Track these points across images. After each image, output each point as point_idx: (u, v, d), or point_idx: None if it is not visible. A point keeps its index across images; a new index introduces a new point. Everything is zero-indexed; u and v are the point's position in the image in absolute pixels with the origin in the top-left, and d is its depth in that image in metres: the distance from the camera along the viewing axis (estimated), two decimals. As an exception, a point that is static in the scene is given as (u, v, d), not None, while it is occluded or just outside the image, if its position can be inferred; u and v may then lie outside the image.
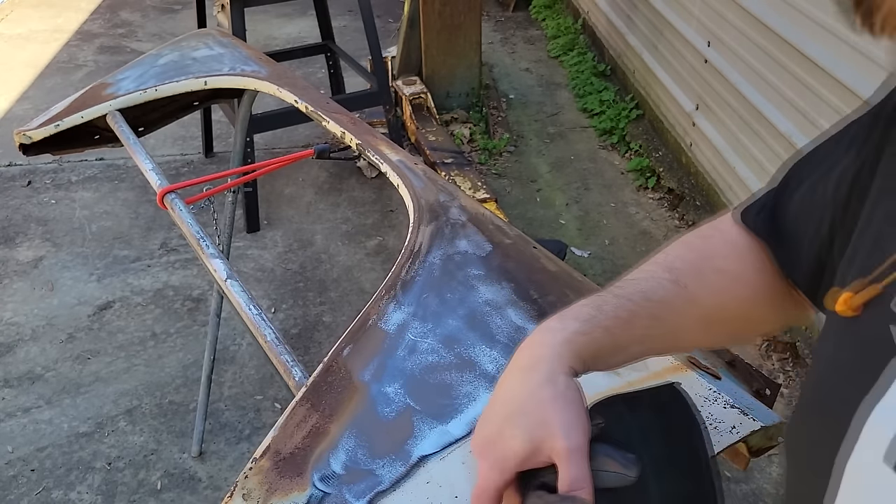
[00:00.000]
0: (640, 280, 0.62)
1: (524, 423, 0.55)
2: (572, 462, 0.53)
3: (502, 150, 3.58)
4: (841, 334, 0.47)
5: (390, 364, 0.84)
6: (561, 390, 0.55)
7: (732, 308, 0.64)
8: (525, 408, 0.55)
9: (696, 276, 0.62)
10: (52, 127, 1.48)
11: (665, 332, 0.62)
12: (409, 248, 1.02)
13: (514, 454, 0.55)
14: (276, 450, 0.74)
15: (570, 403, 0.55)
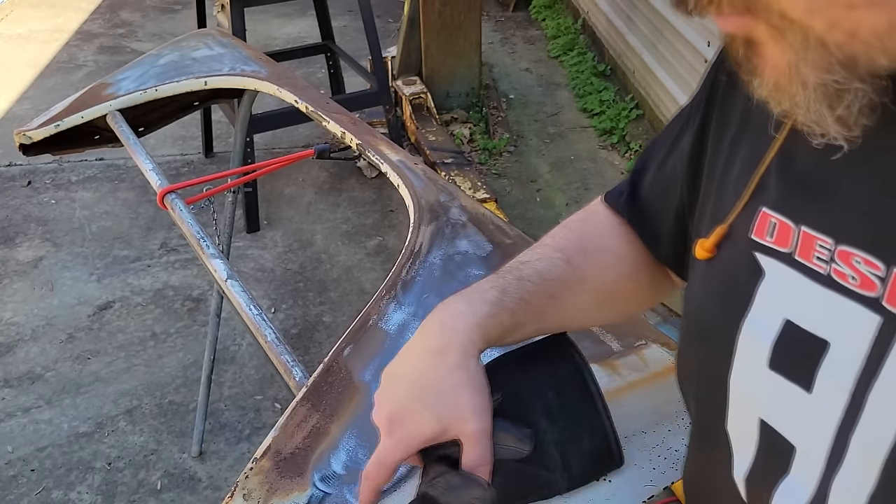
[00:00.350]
0: (536, 261, 0.65)
1: (436, 406, 0.57)
2: (479, 443, 0.56)
3: (502, 150, 3.58)
4: (704, 275, 0.52)
5: (391, 364, 0.84)
6: (472, 375, 0.58)
7: (617, 284, 0.67)
8: (437, 390, 0.57)
9: (583, 254, 0.66)
10: (52, 127, 1.48)
11: (560, 310, 0.65)
12: (409, 248, 1.02)
13: (421, 434, 0.57)
14: (276, 450, 0.74)
15: (480, 388, 0.58)
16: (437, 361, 0.58)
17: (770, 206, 0.45)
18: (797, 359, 0.42)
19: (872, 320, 0.38)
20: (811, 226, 0.42)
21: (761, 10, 0.33)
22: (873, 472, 0.38)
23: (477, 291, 0.62)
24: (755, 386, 0.45)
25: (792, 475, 0.43)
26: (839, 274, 0.40)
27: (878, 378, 0.38)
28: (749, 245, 0.46)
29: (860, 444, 0.39)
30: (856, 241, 0.39)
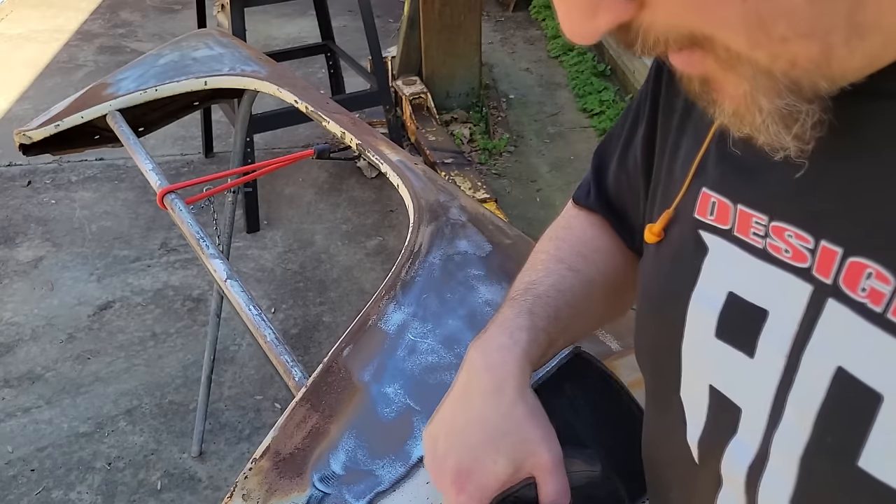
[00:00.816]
0: (544, 278, 0.66)
1: (505, 446, 0.56)
2: (556, 473, 0.55)
3: (502, 150, 3.58)
4: (654, 256, 0.55)
5: (390, 364, 0.84)
6: (532, 406, 0.57)
7: (619, 278, 0.69)
8: (503, 430, 0.56)
9: (582, 259, 0.67)
10: (52, 127, 1.48)
11: (580, 317, 0.66)
12: (409, 248, 1.02)
13: (496, 479, 0.55)
14: (275, 450, 0.74)
15: (542, 418, 0.57)
16: (496, 401, 0.57)
17: (709, 187, 0.48)
18: (740, 327, 0.45)
19: (805, 289, 0.41)
20: (747, 204, 0.45)
21: (707, 44, 0.35)
22: (807, 426, 0.41)
23: (508, 321, 0.62)
24: (704, 354, 0.48)
25: (739, 435, 0.47)
26: (774, 248, 0.43)
27: (810, 340, 0.41)
28: (693, 223, 0.49)
29: (796, 401, 0.42)
30: (787, 216, 0.42)
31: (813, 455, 0.41)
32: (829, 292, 0.40)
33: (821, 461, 0.41)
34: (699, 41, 0.35)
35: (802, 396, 0.42)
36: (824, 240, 0.40)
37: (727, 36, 0.33)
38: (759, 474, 0.45)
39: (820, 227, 0.40)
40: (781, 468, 0.43)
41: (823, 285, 0.40)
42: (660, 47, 0.36)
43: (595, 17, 0.34)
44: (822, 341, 0.40)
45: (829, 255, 0.40)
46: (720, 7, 0.32)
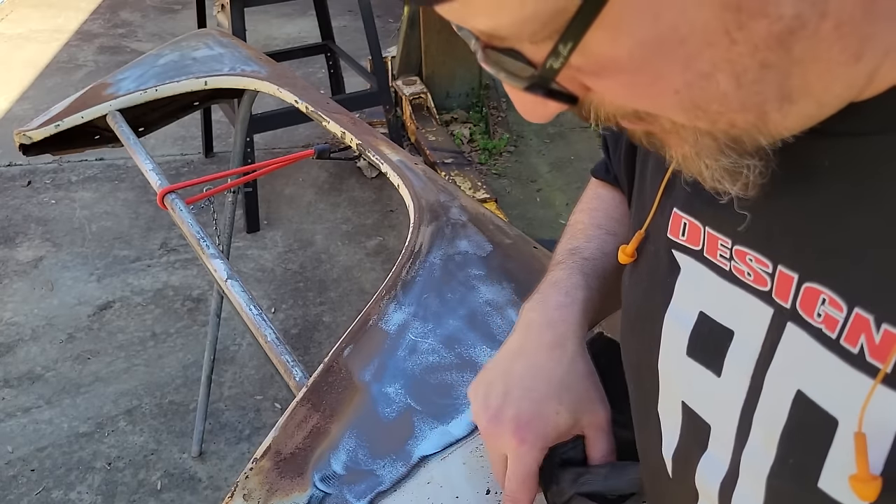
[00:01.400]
0: (588, 242, 0.67)
1: (568, 399, 0.58)
2: (608, 433, 0.59)
3: (502, 150, 3.58)
4: (630, 274, 0.56)
5: (391, 364, 0.84)
6: (590, 364, 0.60)
7: None
8: (566, 383, 0.58)
9: (617, 223, 0.69)
10: (52, 127, 1.48)
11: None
12: (409, 248, 1.02)
13: (556, 431, 0.57)
14: (276, 450, 0.74)
15: (597, 377, 0.60)
16: (556, 355, 0.59)
17: (679, 207, 0.49)
18: (709, 347, 0.46)
19: (766, 312, 0.42)
20: (712, 227, 0.46)
21: (650, 118, 0.36)
22: (772, 447, 0.42)
23: (562, 281, 0.63)
24: (677, 371, 0.49)
25: (710, 451, 0.48)
26: (738, 270, 0.44)
27: (772, 363, 0.42)
28: (667, 243, 0.50)
29: (761, 422, 0.43)
30: (747, 241, 0.43)
31: (777, 475, 0.42)
32: (788, 316, 0.40)
33: (784, 481, 0.41)
34: (643, 116, 0.36)
35: (767, 417, 0.42)
36: (781, 265, 0.41)
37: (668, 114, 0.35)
38: (731, 491, 0.46)
39: (776, 252, 0.41)
40: (751, 486, 0.44)
41: (783, 309, 0.41)
42: (610, 121, 0.38)
43: (545, 105, 0.36)
44: (783, 364, 0.41)
45: (786, 280, 0.41)
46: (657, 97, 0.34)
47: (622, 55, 0.32)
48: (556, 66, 0.32)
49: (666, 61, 0.31)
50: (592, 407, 0.58)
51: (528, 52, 0.34)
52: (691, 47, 0.31)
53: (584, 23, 0.30)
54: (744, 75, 0.31)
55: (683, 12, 0.29)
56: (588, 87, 0.36)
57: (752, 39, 0.30)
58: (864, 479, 0.35)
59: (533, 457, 0.57)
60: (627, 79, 0.33)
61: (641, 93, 0.34)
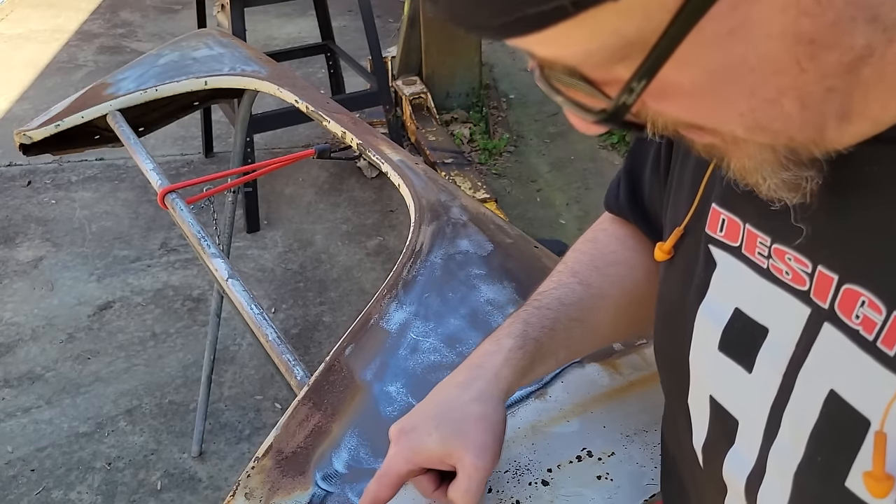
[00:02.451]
0: (553, 290, 0.68)
1: (444, 428, 0.60)
2: (470, 478, 0.59)
3: (502, 150, 3.58)
4: (667, 268, 0.57)
5: (392, 363, 0.84)
6: (489, 412, 0.61)
7: (635, 293, 0.70)
8: (451, 415, 0.61)
9: (596, 273, 0.69)
10: (53, 127, 1.48)
11: (584, 331, 0.68)
12: (410, 247, 1.02)
13: (424, 449, 0.60)
14: (278, 449, 0.74)
15: (491, 427, 0.61)
16: (457, 392, 0.62)
17: (719, 204, 0.50)
18: (742, 343, 0.47)
19: (803, 311, 0.42)
20: (753, 224, 0.46)
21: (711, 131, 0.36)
22: (801, 444, 0.42)
23: (500, 330, 0.66)
24: (707, 366, 0.50)
25: (736, 446, 0.48)
26: (776, 269, 0.44)
27: (805, 361, 0.42)
28: (705, 238, 0.51)
29: (790, 419, 0.43)
30: (787, 240, 0.43)
31: (804, 472, 0.42)
32: (825, 316, 0.41)
33: (811, 479, 0.42)
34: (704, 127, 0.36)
35: (797, 415, 0.43)
36: (821, 265, 0.41)
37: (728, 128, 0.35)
38: (758, 485, 0.46)
39: (817, 252, 0.41)
40: (777, 482, 0.44)
41: (821, 309, 0.41)
42: (667, 131, 0.38)
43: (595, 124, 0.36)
44: (817, 364, 0.41)
45: (825, 281, 0.41)
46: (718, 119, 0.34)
47: (686, 83, 0.32)
48: (629, 101, 0.32)
49: (731, 89, 0.32)
50: (466, 446, 0.59)
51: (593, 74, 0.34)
52: (759, 76, 0.31)
53: (660, 60, 0.30)
54: (809, 99, 0.32)
55: (754, 45, 0.30)
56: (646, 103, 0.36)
57: (822, 68, 0.30)
58: (878, 477, 0.36)
59: (397, 462, 0.61)
60: (690, 103, 0.34)
61: (703, 115, 0.34)
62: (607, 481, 0.72)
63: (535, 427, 0.77)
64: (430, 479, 0.63)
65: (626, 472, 0.72)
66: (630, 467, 0.73)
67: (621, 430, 0.77)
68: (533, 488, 0.71)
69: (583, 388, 0.81)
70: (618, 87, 0.32)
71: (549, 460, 0.73)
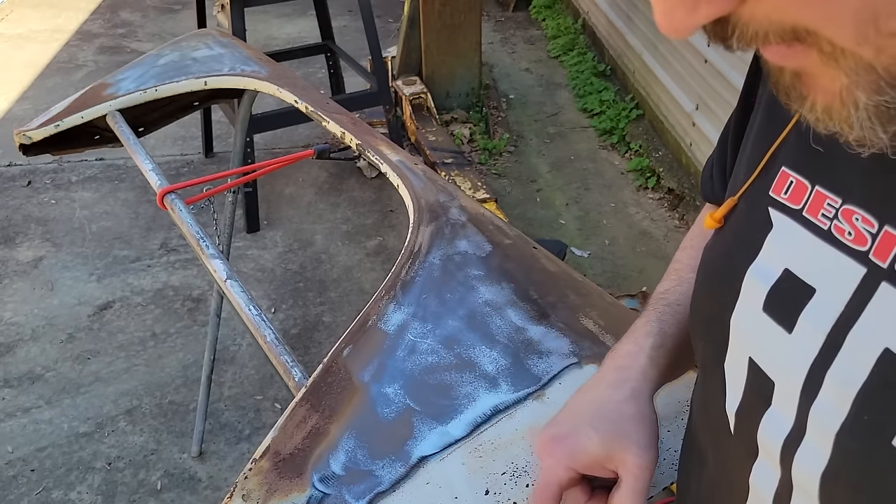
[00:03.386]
0: (677, 287, 0.68)
1: (604, 429, 0.58)
2: (637, 479, 0.57)
3: (502, 150, 3.58)
4: (711, 244, 0.56)
5: (390, 365, 0.84)
6: (644, 409, 0.60)
7: None
8: (608, 416, 0.59)
9: None
10: (52, 127, 1.48)
11: None
12: (408, 248, 1.02)
13: (585, 453, 0.58)
14: (275, 450, 0.74)
15: (650, 424, 0.60)
16: (612, 392, 0.61)
17: (790, 166, 0.49)
18: (786, 303, 0.47)
19: (858, 271, 0.42)
20: (824, 186, 0.46)
21: (809, 39, 0.34)
22: (845, 404, 0.42)
23: (637, 329, 0.65)
24: (749, 327, 0.50)
25: (773, 407, 0.48)
26: (838, 229, 0.44)
27: (857, 322, 0.42)
28: (766, 201, 0.50)
29: (835, 379, 0.43)
30: (859, 200, 0.43)
31: (848, 432, 0.42)
32: (883, 276, 0.41)
33: (856, 438, 0.42)
34: (801, 35, 0.34)
35: (844, 375, 0.42)
36: (888, 225, 0.41)
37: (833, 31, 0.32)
38: (795, 448, 0.46)
39: (887, 211, 0.41)
40: (817, 443, 0.44)
41: (878, 269, 0.41)
42: (757, 41, 0.35)
43: (696, 10, 0.33)
44: (871, 323, 0.41)
45: (889, 240, 0.41)
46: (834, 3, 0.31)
47: None
48: None
49: None
50: (628, 446, 0.58)
51: None
52: None
53: None
54: None
55: None
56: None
57: None
58: None
59: (556, 472, 0.58)
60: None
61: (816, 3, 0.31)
62: (605, 483, 0.71)
63: (532, 429, 0.77)
64: (582, 489, 0.61)
65: (623, 474, 0.72)
66: (628, 469, 0.73)
67: (619, 431, 0.77)
68: (531, 490, 0.70)
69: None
70: None
71: (546, 462, 0.73)
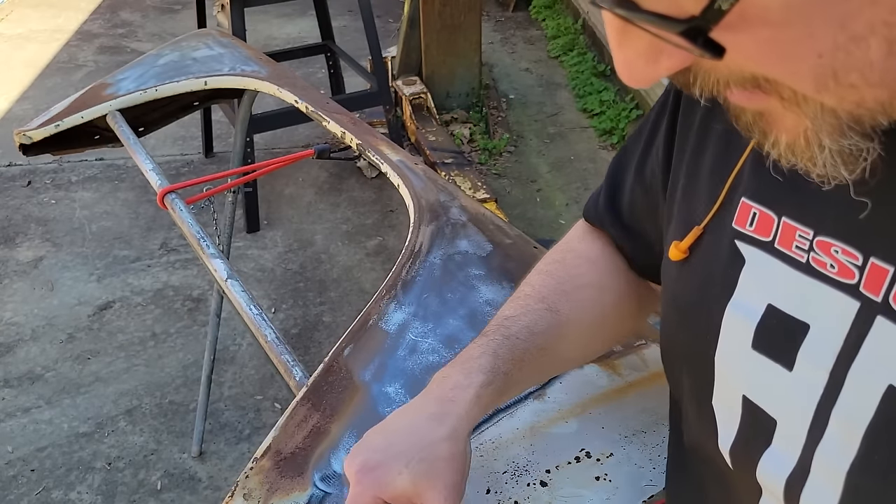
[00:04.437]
0: (521, 316, 0.66)
1: (416, 467, 0.57)
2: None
3: (502, 150, 3.58)
4: (680, 268, 0.54)
5: (391, 364, 0.84)
6: (460, 451, 0.59)
7: (604, 316, 0.68)
8: (422, 454, 0.57)
9: (565, 298, 0.67)
10: (52, 127, 1.48)
11: (553, 360, 0.66)
12: (409, 247, 1.02)
13: (393, 487, 0.57)
14: (276, 450, 0.74)
15: (461, 468, 0.59)
16: (431, 427, 0.59)
17: (749, 197, 0.47)
18: (779, 340, 0.45)
19: (851, 305, 0.41)
20: (791, 217, 0.44)
21: (771, 87, 0.34)
22: (854, 443, 0.41)
23: (470, 360, 0.63)
24: (739, 365, 0.48)
25: (774, 446, 0.46)
26: (818, 262, 0.43)
27: (857, 358, 0.41)
28: (731, 234, 0.49)
29: (841, 417, 0.42)
30: (834, 232, 0.42)
31: (860, 471, 0.41)
32: (878, 309, 0.39)
33: (868, 478, 0.40)
34: (761, 84, 0.34)
35: (849, 413, 0.41)
36: (874, 257, 0.40)
37: (793, 82, 0.32)
38: (800, 487, 0.45)
39: (870, 244, 0.40)
40: (825, 482, 0.43)
41: (872, 302, 0.40)
42: (719, 88, 0.35)
43: (657, 62, 0.33)
44: (871, 358, 0.40)
45: (879, 273, 0.39)
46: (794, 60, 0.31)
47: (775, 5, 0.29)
48: (725, 7, 0.28)
49: (822, 17, 0.29)
50: (436, 485, 0.56)
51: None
52: (854, 4, 0.28)
53: None
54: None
55: None
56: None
57: None
58: None
59: (363, 499, 0.57)
60: (771, 34, 0.30)
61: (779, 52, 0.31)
62: (606, 482, 0.71)
63: (533, 428, 0.77)
64: None
65: (624, 473, 0.72)
66: (629, 468, 0.73)
67: (620, 430, 0.77)
68: (531, 489, 0.71)
69: (581, 389, 0.81)
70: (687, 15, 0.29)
71: (547, 461, 0.73)
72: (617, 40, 0.33)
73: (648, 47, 0.33)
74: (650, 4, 0.30)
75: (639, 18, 0.30)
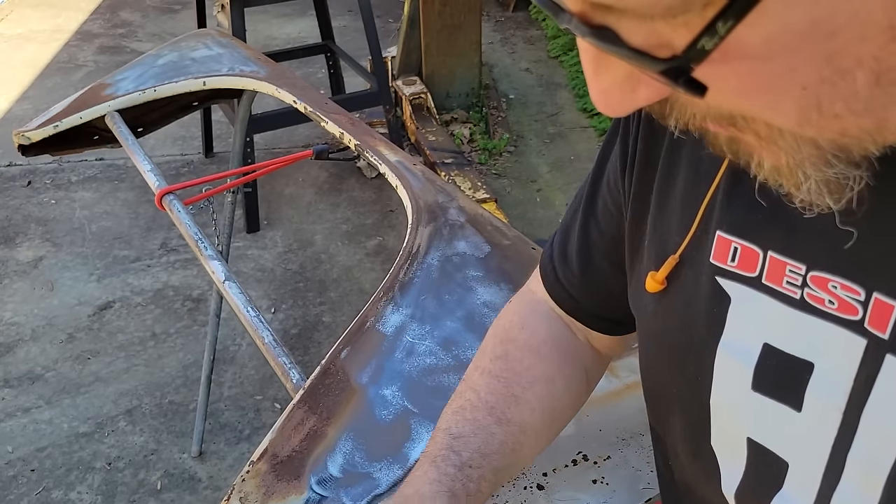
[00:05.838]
0: (472, 437, 0.61)
1: None
2: None
3: (502, 150, 3.58)
4: (657, 305, 0.51)
5: (388, 366, 0.84)
6: None
7: (555, 409, 0.65)
8: None
9: (514, 403, 0.62)
10: (52, 127, 1.48)
11: (511, 470, 0.63)
12: (407, 249, 1.02)
13: None
14: (273, 453, 0.74)
15: None
16: None
17: (726, 231, 0.44)
18: (783, 381, 0.43)
19: (858, 343, 0.38)
20: (778, 251, 0.42)
21: (745, 124, 0.33)
22: (876, 487, 0.38)
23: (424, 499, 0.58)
24: (740, 407, 0.45)
25: (785, 490, 0.44)
26: (815, 298, 0.40)
27: (870, 399, 0.38)
28: (710, 269, 0.46)
29: (858, 462, 0.39)
30: (830, 267, 0.39)
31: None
32: (886, 348, 0.37)
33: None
34: (737, 122, 0.33)
35: (866, 457, 0.39)
36: (877, 292, 0.37)
37: (772, 117, 0.31)
38: None
39: (871, 278, 0.37)
40: None
41: (880, 340, 0.37)
42: (695, 122, 0.34)
43: (634, 92, 0.32)
44: (885, 399, 0.38)
45: (884, 309, 0.37)
46: (776, 93, 0.30)
47: (755, 41, 0.27)
48: (709, 47, 0.27)
49: (806, 52, 0.27)
50: None
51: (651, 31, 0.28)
52: (841, 40, 0.27)
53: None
54: (885, 75, 0.28)
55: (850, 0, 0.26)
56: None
57: None
58: None
59: None
60: (752, 67, 0.29)
61: (761, 85, 0.29)
62: (603, 485, 0.71)
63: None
64: None
65: (621, 476, 0.72)
66: (626, 471, 0.73)
67: (617, 433, 0.77)
68: (528, 492, 0.70)
69: (579, 392, 0.81)
70: (669, 52, 0.28)
71: (544, 464, 0.73)
72: (593, 69, 0.32)
73: (626, 77, 0.32)
74: (632, 39, 0.29)
75: (620, 54, 0.29)
